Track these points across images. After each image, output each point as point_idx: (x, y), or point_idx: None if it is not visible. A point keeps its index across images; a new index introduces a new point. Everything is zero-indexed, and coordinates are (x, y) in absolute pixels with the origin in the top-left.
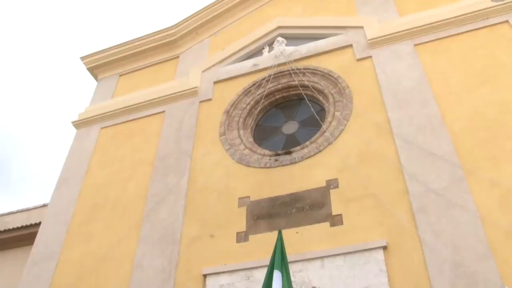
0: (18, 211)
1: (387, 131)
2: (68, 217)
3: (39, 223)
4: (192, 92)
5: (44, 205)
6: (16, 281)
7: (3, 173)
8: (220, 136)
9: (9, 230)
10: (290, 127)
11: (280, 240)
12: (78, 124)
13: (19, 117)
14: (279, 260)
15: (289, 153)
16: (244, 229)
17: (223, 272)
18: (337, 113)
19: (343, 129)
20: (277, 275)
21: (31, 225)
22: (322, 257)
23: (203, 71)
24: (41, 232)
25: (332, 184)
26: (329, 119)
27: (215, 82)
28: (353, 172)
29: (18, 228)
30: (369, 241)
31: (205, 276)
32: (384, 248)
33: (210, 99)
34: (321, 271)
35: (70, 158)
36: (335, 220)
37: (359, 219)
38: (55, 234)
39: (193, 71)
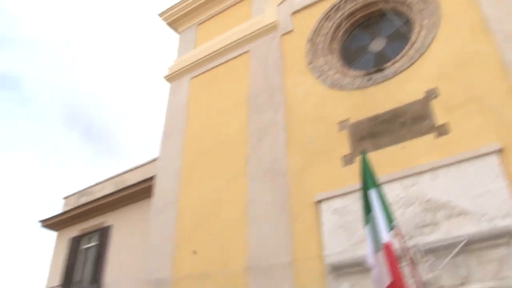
0: (132, 169)
1: (484, 30)
2: (177, 167)
3: (153, 177)
4: (271, 27)
5: (155, 159)
6: (145, 230)
7: (111, 139)
8: (308, 65)
9: (128, 187)
10: (377, 45)
11: (364, 160)
12: (170, 78)
13: (115, 84)
14: (369, 179)
15: (381, 70)
16: (349, 152)
17: (335, 196)
18: (424, 22)
19: (434, 37)
20: (373, 194)
21: (147, 179)
22: (433, 169)
23: (278, 4)
24: (157, 185)
25: (432, 94)
26: (417, 29)
27: (293, 13)
28: (452, 79)
29: (136, 184)
30: (481, 147)
31: (317, 202)
32: (500, 151)
33: (291, 31)
34: (434, 183)
35: (169, 111)
36: (441, 130)
37: (466, 126)
38: (169, 185)
39: (268, 6)
